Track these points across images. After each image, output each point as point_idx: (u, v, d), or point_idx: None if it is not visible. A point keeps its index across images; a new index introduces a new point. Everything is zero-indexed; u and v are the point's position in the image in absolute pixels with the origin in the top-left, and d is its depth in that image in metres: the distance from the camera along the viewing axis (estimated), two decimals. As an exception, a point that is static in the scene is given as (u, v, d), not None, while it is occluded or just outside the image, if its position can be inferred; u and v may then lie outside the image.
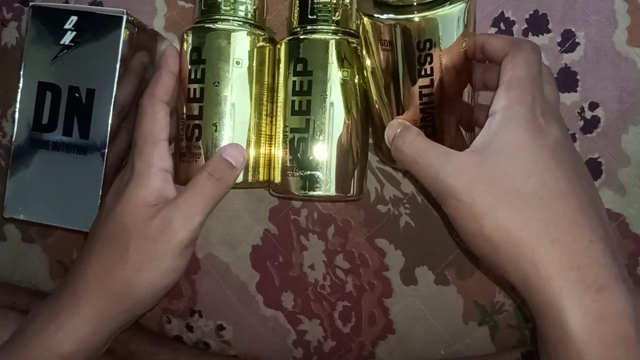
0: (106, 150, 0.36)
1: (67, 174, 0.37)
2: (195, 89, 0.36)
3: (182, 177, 0.37)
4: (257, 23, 0.38)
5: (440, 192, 0.31)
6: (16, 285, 0.45)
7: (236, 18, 0.37)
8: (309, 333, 0.43)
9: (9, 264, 0.46)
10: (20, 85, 0.37)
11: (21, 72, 0.37)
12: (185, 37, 0.37)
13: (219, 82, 0.36)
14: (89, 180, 0.36)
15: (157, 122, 0.35)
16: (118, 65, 0.36)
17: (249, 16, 0.37)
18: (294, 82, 0.36)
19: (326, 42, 0.36)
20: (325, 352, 0.42)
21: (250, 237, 0.43)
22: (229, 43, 0.36)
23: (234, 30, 0.36)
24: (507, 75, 0.31)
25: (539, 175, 0.29)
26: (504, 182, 0.29)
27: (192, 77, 0.36)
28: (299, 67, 0.36)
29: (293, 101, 0.36)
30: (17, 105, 0.37)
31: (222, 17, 0.37)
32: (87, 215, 0.37)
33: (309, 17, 0.37)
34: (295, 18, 0.37)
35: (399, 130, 0.34)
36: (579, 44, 0.39)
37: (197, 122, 0.36)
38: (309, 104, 0.36)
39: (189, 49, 0.36)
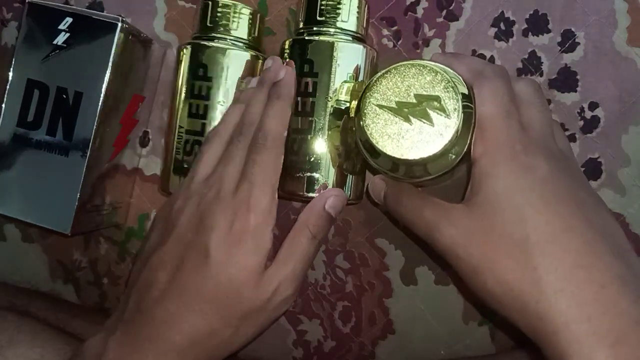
0: (88, 153, 0.36)
1: (47, 173, 0.37)
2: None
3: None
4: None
5: (440, 250, 0.30)
6: (15, 286, 0.45)
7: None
8: (309, 333, 0.43)
9: (9, 264, 0.45)
10: (10, 79, 0.37)
11: (11, 67, 0.37)
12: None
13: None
14: (69, 182, 0.36)
15: (279, 169, 0.33)
16: (108, 72, 0.36)
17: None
18: (299, 83, 0.36)
19: (333, 45, 0.35)
20: (325, 352, 0.42)
21: (250, 237, 0.42)
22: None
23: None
24: (478, 113, 0.29)
25: (530, 219, 0.27)
26: (495, 232, 0.28)
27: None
28: (306, 68, 0.36)
29: (297, 102, 0.36)
30: (5, 99, 0.37)
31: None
32: (62, 216, 0.37)
33: (317, 18, 0.36)
34: (302, 18, 0.37)
35: (385, 189, 0.34)
36: (579, 44, 0.39)
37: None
38: (313, 106, 0.35)
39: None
